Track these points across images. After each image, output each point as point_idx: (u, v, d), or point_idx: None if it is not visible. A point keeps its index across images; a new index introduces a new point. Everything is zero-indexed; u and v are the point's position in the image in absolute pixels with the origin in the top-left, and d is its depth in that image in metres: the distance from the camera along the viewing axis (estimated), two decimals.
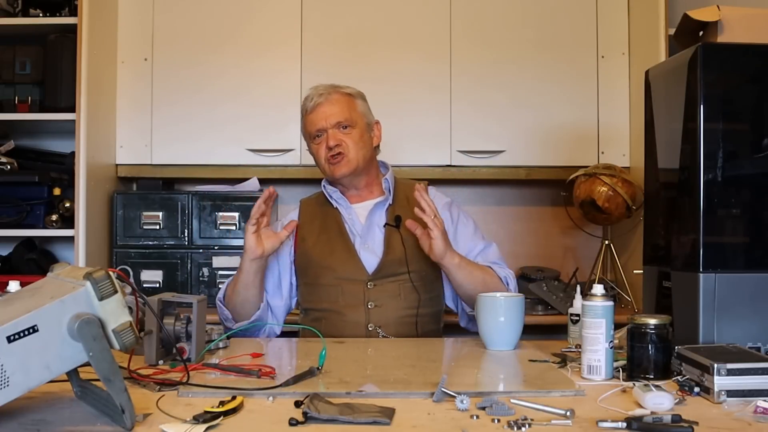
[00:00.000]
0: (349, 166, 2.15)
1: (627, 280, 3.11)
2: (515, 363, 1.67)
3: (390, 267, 2.11)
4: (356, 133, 2.16)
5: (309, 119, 2.17)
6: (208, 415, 1.15)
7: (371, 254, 2.14)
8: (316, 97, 2.17)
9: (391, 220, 2.16)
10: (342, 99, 2.17)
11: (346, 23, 3.19)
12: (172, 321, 1.59)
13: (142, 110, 3.18)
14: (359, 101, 2.21)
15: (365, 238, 2.16)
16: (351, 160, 2.14)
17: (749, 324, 1.60)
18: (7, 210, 2.92)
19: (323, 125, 2.14)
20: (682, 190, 1.71)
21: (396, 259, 2.11)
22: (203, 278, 3.05)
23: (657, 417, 1.16)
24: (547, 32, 3.20)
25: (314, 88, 2.21)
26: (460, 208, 2.28)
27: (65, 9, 3.02)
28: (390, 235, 2.15)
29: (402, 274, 2.09)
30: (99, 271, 1.14)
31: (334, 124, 2.14)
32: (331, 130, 2.14)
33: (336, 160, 2.14)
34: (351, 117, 2.16)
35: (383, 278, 2.10)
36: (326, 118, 2.14)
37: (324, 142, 2.14)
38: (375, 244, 2.15)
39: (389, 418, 1.17)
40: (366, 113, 2.22)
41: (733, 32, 1.91)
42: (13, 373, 1.07)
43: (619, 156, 3.18)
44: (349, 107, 2.17)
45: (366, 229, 2.17)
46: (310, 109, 2.17)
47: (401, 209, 2.18)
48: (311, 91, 2.20)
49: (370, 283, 2.09)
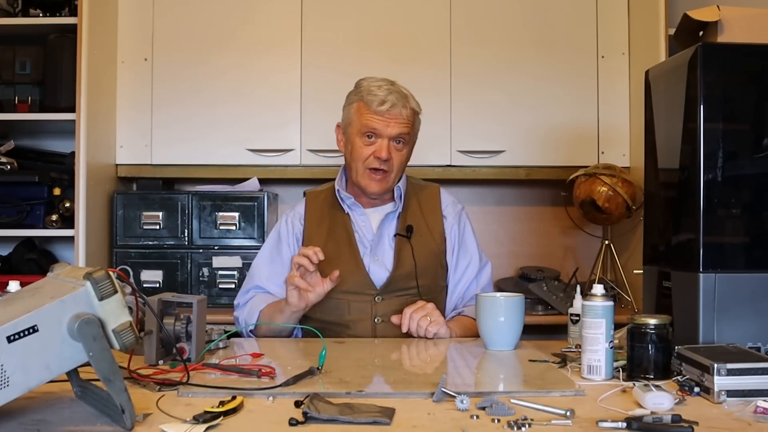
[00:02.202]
0: (387, 186, 2.08)
1: (627, 280, 3.11)
2: (515, 363, 1.67)
3: (399, 282, 2.06)
4: (406, 152, 2.09)
5: (370, 115, 2.02)
6: (208, 415, 1.15)
7: (380, 267, 2.08)
8: (390, 96, 2.02)
9: (402, 230, 2.10)
10: (411, 115, 2.07)
11: (346, 23, 3.19)
12: (172, 321, 1.59)
13: (142, 110, 3.18)
14: (418, 118, 2.12)
15: (375, 250, 2.09)
16: (391, 180, 2.08)
17: (749, 324, 1.60)
18: (7, 210, 2.92)
19: (383, 131, 2.02)
20: (682, 190, 1.71)
21: (405, 274, 2.06)
22: (203, 278, 3.05)
23: (657, 417, 1.16)
24: (547, 32, 3.20)
25: (387, 84, 2.06)
26: (468, 218, 2.23)
27: (65, 9, 3.02)
28: (400, 247, 2.09)
29: (411, 289, 2.05)
30: (99, 271, 1.14)
31: (395, 135, 2.03)
32: (387, 141, 2.03)
33: (377, 176, 2.05)
34: (410, 134, 2.08)
35: (391, 293, 2.05)
36: (390, 126, 2.02)
37: (373, 146, 2.03)
38: (385, 257, 2.09)
39: (389, 418, 1.17)
40: (417, 131, 2.14)
41: (733, 32, 1.91)
42: (13, 373, 1.07)
43: (619, 156, 3.18)
44: (412, 125, 2.08)
45: (377, 240, 2.10)
46: (378, 105, 2.01)
47: (413, 215, 2.13)
48: (383, 85, 2.05)
49: (378, 298, 2.05)
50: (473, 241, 2.21)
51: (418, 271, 2.05)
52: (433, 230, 2.14)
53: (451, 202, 2.21)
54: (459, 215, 2.20)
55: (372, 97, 2.03)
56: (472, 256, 2.18)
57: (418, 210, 2.15)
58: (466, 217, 2.22)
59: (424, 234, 2.12)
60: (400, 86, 2.10)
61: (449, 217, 2.18)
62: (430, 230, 2.14)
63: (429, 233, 2.13)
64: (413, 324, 1.91)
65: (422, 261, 2.06)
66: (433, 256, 2.12)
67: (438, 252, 2.13)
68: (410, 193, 2.18)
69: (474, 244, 2.20)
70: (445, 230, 2.16)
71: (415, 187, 2.21)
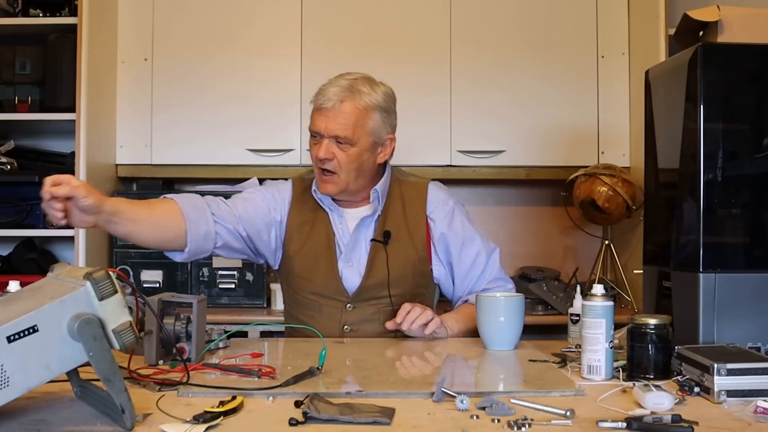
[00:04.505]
0: (337, 187, 1.96)
1: (627, 280, 3.11)
2: (515, 363, 1.67)
3: (370, 291, 1.98)
4: (354, 152, 1.92)
5: (314, 113, 1.95)
6: (208, 415, 1.15)
7: (354, 273, 1.99)
8: (327, 96, 1.92)
9: (378, 235, 1.99)
10: (354, 111, 1.91)
11: (347, 23, 3.19)
12: (172, 321, 1.59)
13: (142, 110, 3.18)
14: (376, 114, 1.94)
15: (350, 255, 2.00)
16: (340, 181, 1.95)
17: (749, 324, 1.60)
18: (7, 210, 2.92)
19: (322, 131, 1.92)
20: (682, 190, 1.71)
21: (377, 282, 1.97)
22: (203, 278, 3.05)
23: (657, 417, 1.16)
24: (547, 32, 3.20)
25: (333, 84, 1.94)
26: (464, 213, 2.10)
27: (65, 9, 3.02)
28: (375, 253, 1.99)
29: (383, 298, 1.97)
30: (99, 271, 1.14)
31: (332, 135, 1.91)
32: (327, 140, 1.92)
33: (325, 177, 1.95)
34: (353, 135, 1.91)
35: (363, 301, 1.98)
36: (329, 125, 1.91)
37: (317, 146, 1.94)
38: (359, 263, 2.00)
39: (389, 418, 1.17)
40: (378, 129, 1.95)
41: (733, 32, 1.91)
42: (13, 373, 1.07)
43: (619, 156, 3.18)
44: (357, 123, 1.91)
45: (352, 244, 2.00)
46: (320, 102, 1.93)
47: (393, 218, 2.02)
48: (327, 87, 1.94)
49: (348, 305, 1.98)
50: (474, 232, 2.08)
51: (391, 280, 1.96)
52: (414, 235, 2.03)
53: (440, 201, 2.07)
54: (450, 214, 2.06)
55: (319, 92, 1.95)
56: (478, 251, 2.06)
57: (401, 212, 2.04)
58: (459, 212, 2.08)
59: (403, 240, 2.01)
60: (360, 81, 1.95)
61: (437, 220, 2.05)
62: (411, 235, 2.02)
63: (409, 239, 2.02)
64: (406, 324, 1.87)
65: (397, 269, 1.98)
66: (411, 264, 2.01)
67: (417, 259, 2.02)
68: (395, 193, 2.06)
69: (476, 235, 2.07)
70: (432, 235, 2.04)
71: (402, 185, 2.08)
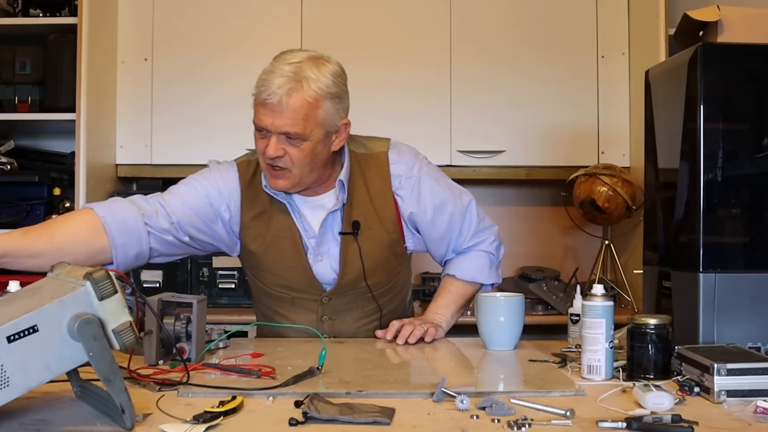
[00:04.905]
0: (290, 182, 1.80)
1: (627, 280, 3.11)
2: (515, 363, 1.67)
3: (347, 285, 1.90)
4: (307, 147, 1.75)
5: (257, 107, 1.76)
6: (208, 415, 1.15)
7: (326, 267, 1.89)
8: (271, 90, 1.71)
9: (347, 227, 1.86)
10: (302, 104, 1.71)
11: (347, 23, 3.19)
12: (172, 321, 1.58)
13: (142, 110, 3.18)
14: (326, 103, 1.75)
15: (318, 249, 1.87)
16: (293, 177, 1.79)
17: (749, 324, 1.60)
18: (7, 210, 2.92)
19: (270, 127, 1.73)
20: (682, 190, 1.71)
21: (353, 277, 1.89)
22: (203, 278, 3.05)
23: (657, 417, 1.16)
24: (547, 32, 3.20)
25: (277, 74, 1.72)
26: (430, 174, 1.92)
27: (65, 9, 3.03)
28: (346, 246, 1.87)
29: (360, 287, 1.90)
30: (99, 271, 1.14)
31: (282, 132, 1.73)
32: (276, 137, 1.74)
33: (275, 173, 1.78)
34: (304, 130, 1.73)
35: (339, 294, 1.91)
36: (276, 120, 1.72)
37: (264, 140, 1.75)
38: (329, 256, 1.88)
39: (389, 418, 1.17)
40: (330, 117, 1.76)
41: (733, 32, 1.91)
42: (13, 373, 1.07)
43: (619, 156, 3.18)
44: (307, 116, 1.72)
45: (319, 238, 1.87)
46: (262, 94, 1.72)
47: (359, 203, 1.87)
48: (270, 77, 1.72)
49: (325, 298, 1.91)
50: (443, 195, 1.93)
51: (366, 272, 1.87)
52: (384, 217, 1.89)
53: (404, 173, 1.90)
54: (417, 185, 1.91)
55: (260, 82, 1.74)
56: (451, 214, 1.94)
57: (365, 194, 1.88)
58: (426, 177, 1.92)
59: (373, 225, 1.88)
60: (305, 65, 1.74)
61: (405, 197, 1.90)
62: (380, 218, 1.89)
63: (379, 223, 1.89)
64: (401, 339, 1.84)
65: (372, 259, 1.87)
66: (385, 248, 1.91)
67: (390, 241, 1.91)
68: (355, 174, 1.89)
69: (446, 198, 1.93)
70: (402, 214, 1.91)
71: (360, 161, 1.90)
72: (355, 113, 1.82)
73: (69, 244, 1.70)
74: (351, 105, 1.84)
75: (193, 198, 1.86)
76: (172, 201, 1.85)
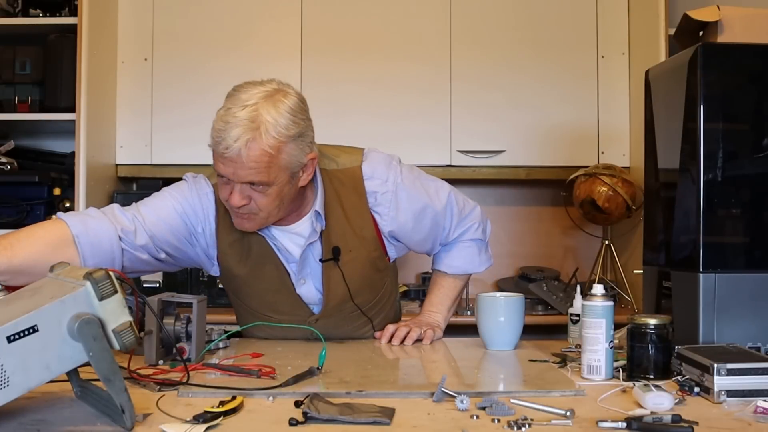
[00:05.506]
0: (258, 224, 1.75)
1: (627, 280, 3.11)
2: (515, 363, 1.67)
3: (333, 307, 1.88)
4: (273, 191, 1.67)
5: (216, 157, 1.67)
6: (208, 415, 1.15)
7: (310, 289, 1.87)
8: (227, 143, 1.61)
9: (327, 253, 1.82)
10: (263, 154, 1.61)
11: (347, 23, 3.19)
12: (172, 321, 1.59)
13: (142, 110, 3.18)
14: (288, 146, 1.64)
15: (300, 273, 1.84)
16: (261, 219, 1.74)
17: (749, 324, 1.60)
18: (7, 210, 2.92)
19: (233, 178, 1.66)
20: (682, 190, 1.71)
21: (339, 300, 1.87)
22: (203, 278, 3.05)
23: (657, 417, 1.16)
24: (547, 32, 3.20)
25: (232, 124, 1.62)
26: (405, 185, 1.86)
27: (65, 9, 3.02)
28: (329, 272, 1.84)
29: (347, 307, 1.89)
30: (99, 271, 1.14)
31: (246, 182, 1.66)
32: (240, 185, 1.66)
33: (244, 216, 1.73)
34: (268, 178, 1.64)
35: (327, 316, 1.89)
36: (234, 173, 1.64)
37: (228, 187, 1.68)
38: (313, 277, 1.86)
39: (389, 418, 1.17)
40: (294, 159, 1.66)
41: (733, 32, 1.91)
42: (13, 373, 1.07)
43: (619, 156, 3.18)
44: (269, 165, 1.63)
45: (301, 264, 1.83)
46: (219, 147, 1.63)
47: (336, 226, 1.82)
48: (226, 129, 1.62)
49: (313, 321, 1.88)
50: (420, 201, 1.88)
51: (352, 293, 1.86)
52: (363, 237, 1.86)
53: (379, 189, 1.84)
54: (394, 200, 1.85)
55: (215, 133, 1.65)
56: (433, 217, 1.91)
57: (342, 217, 1.83)
58: (402, 189, 1.85)
59: (353, 247, 1.85)
60: (262, 107, 1.64)
61: (383, 214, 1.85)
62: (360, 237, 1.85)
63: (359, 243, 1.85)
64: (396, 340, 1.86)
65: (356, 280, 1.86)
66: (368, 267, 1.89)
67: (372, 259, 1.89)
68: (330, 197, 1.82)
69: (425, 205, 1.89)
70: (382, 230, 1.87)
71: (333, 181, 1.83)
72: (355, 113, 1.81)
73: (29, 265, 1.58)
74: (351, 105, 1.84)
75: (166, 213, 1.80)
76: (149, 216, 1.78)
